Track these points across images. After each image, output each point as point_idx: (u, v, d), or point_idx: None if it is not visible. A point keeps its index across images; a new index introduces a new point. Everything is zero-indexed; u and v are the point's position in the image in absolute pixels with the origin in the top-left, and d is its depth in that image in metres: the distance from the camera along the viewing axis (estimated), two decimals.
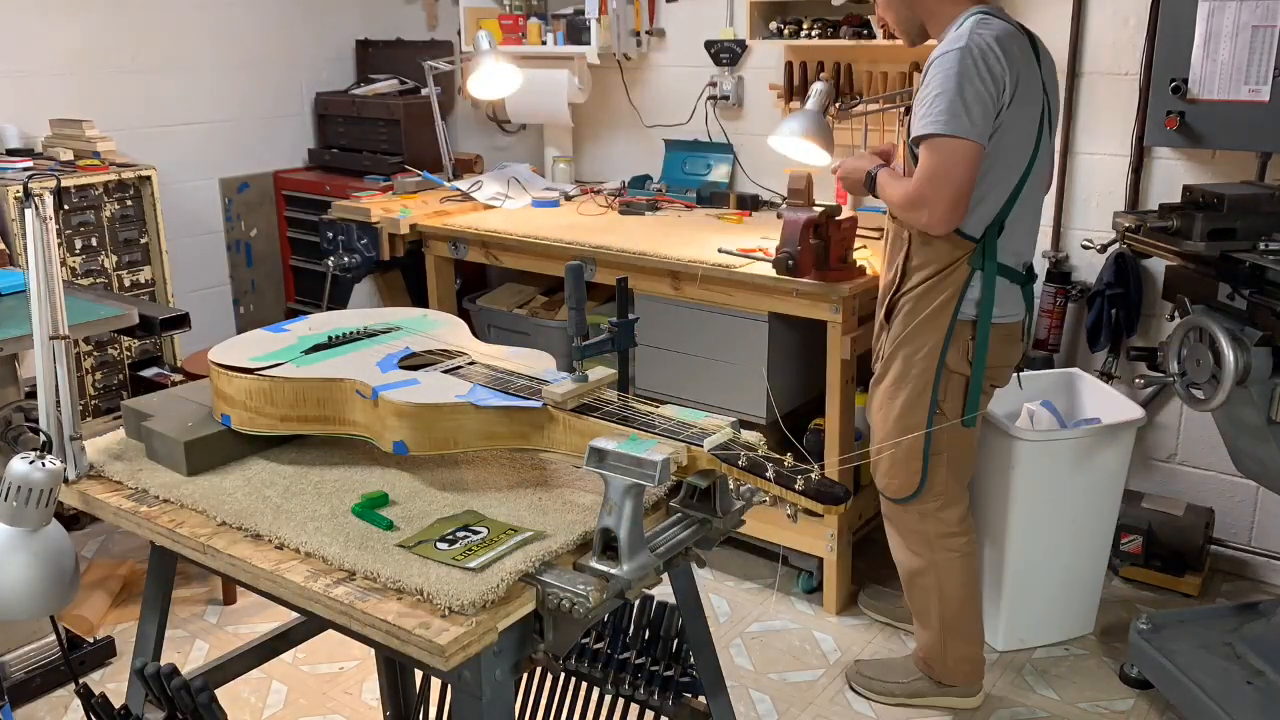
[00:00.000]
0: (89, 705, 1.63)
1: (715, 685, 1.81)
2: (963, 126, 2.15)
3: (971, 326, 2.33)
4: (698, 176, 3.86)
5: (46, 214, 1.56)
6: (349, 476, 1.58)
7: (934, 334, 2.34)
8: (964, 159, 2.17)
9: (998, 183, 2.25)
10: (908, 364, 2.39)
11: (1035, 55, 2.27)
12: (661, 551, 1.38)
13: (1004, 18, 2.25)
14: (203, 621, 3.05)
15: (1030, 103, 2.24)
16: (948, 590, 2.52)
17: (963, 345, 2.34)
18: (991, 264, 2.28)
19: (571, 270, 1.52)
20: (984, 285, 2.30)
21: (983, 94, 2.15)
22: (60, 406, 1.58)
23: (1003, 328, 2.37)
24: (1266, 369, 2.13)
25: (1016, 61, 2.18)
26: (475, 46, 3.72)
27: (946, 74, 2.16)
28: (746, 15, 3.48)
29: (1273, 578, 3.16)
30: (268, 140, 4.53)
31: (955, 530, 2.50)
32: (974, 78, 2.14)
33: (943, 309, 2.32)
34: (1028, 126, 2.25)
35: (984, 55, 2.14)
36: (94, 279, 3.65)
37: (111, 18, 3.98)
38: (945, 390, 2.37)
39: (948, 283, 2.31)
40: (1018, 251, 2.35)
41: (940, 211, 2.20)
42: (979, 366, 2.34)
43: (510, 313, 3.82)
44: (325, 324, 1.84)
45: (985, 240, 2.28)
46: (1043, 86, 2.28)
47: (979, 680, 2.62)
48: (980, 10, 2.24)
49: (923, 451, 2.41)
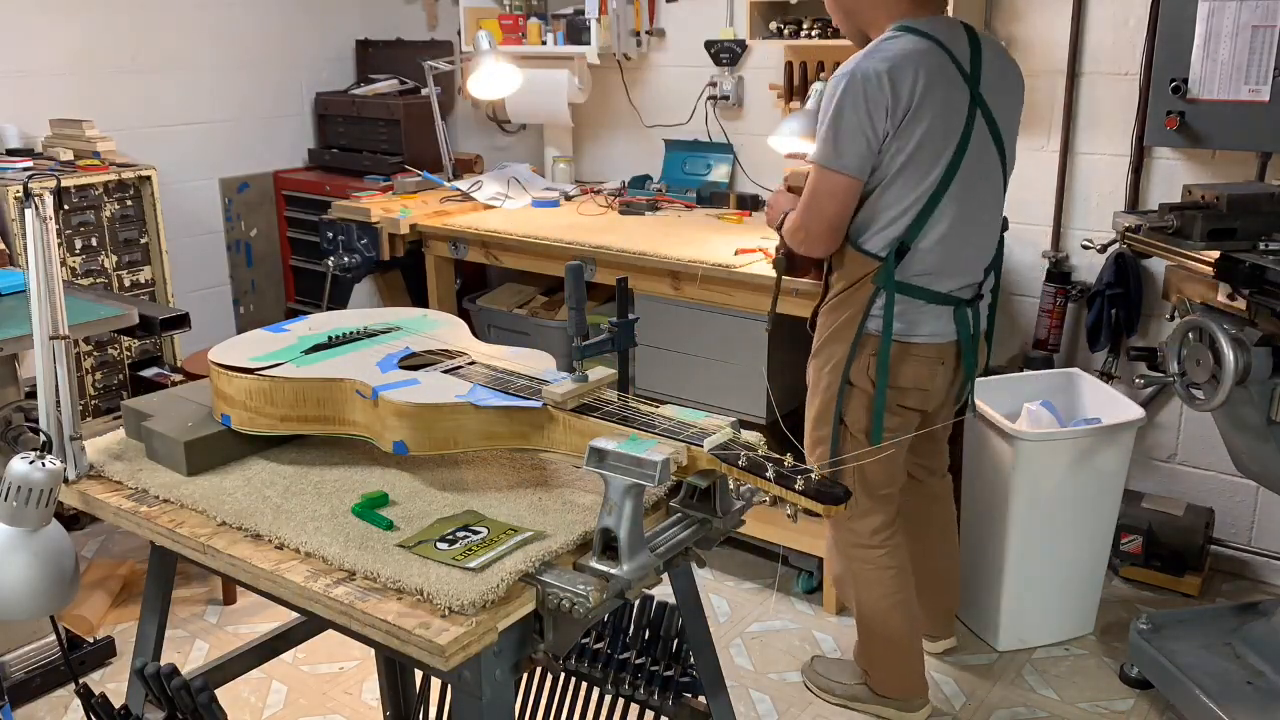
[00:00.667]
0: (89, 705, 1.63)
1: (715, 685, 1.81)
2: (834, 159, 2.17)
3: (876, 342, 2.29)
4: (698, 176, 3.86)
5: (46, 214, 1.56)
6: (349, 476, 1.58)
7: (840, 347, 2.32)
8: (833, 191, 2.21)
9: (897, 203, 2.21)
10: (818, 375, 2.39)
11: (973, 69, 2.20)
12: (661, 551, 1.38)
13: (923, 31, 2.18)
14: (203, 621, 3.05)
15: (940, 121, 2.16)
16: (864, 600, 2.50)
17: (865, 361, 2.31)
18: (891, 283, 2.24)
19: (571, 270, 1.52)
20: (886, 304, 2.26)
21: (856, 126, 2.14)
22: (60, 406, 1.58)
23: (921, 348, 2.30)
24: (1266, 369, 2.13)
25: (912, 88, 2.12)
26: (475, 46, 3.72)
27: (828, 100, 2.17)
28: (746, 15, 3.48)
29: (1273, 578, 3.16)
30: (268, 140, 4.53)
31: (866, 542, 2.46)
32: (850, 110, 2.14)
33: (849, 323, 2.30)
34: (933, 146, 2.17)
35: (865, 83, 2.12)
36: (94, 279, 3.65)
37: (111, 18, 3.98)
38: (848, 404, 2.35)
39: (855, 298, 2.29)
40: (934, 273, 2.27)
41: (815, 238, 2.28)
42: (880, 383, 2.30)
43: (510, 313, 3.82)
44: (325, 324, 1.84)
45: (887, 260, 2.24)
46: (972, 99, 2.20)
47: (918, 695, 2.56)
48: (901, 25, 2.20)
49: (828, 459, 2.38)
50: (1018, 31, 3.19)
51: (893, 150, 2.17)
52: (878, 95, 2.12)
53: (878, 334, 2.28)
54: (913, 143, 2.16)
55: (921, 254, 2.24)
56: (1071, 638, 2.91)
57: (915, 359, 2.31)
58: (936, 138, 2.18)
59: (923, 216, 2.22)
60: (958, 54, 2.20)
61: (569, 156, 4.18)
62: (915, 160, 2.18)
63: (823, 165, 2.20)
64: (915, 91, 2.13)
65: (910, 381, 2.33)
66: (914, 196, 2.20)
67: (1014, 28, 3.20)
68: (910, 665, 2.55)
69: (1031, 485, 2.70)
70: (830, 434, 2.38)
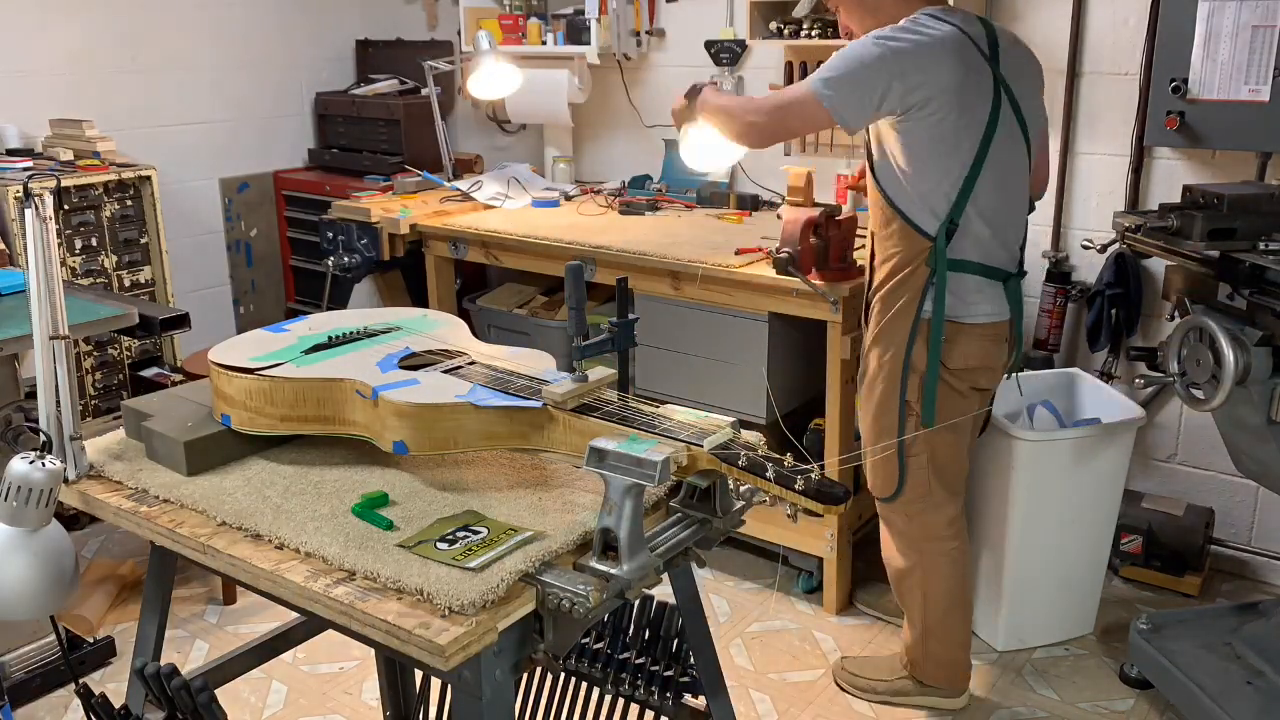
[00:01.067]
0: (89, 705, 1.63)
1: (715, 685, 1.81)
2: (832, 98, 2.20)
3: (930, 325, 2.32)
4: (698, 176, 3.86)
5: (46, 214, 1.56)
6: (349, 476, 1.58)
7: (899, 332, 2.33)
8: (809, 117, 2.27)
9: (936, 184, 2.24)
10: (879, 364, 2.39)
11: (992, 52, 2.25)
12: (661, 551, 1.38)
13: (947, 18, 2.23)
14: (203, 621, 3.05)
15: (969, 101, 2.20)
16: (932, 593, 2.51)
17: (924, 343, 2.33)
18: (943, 263, 2.27)
19: (571, 270, 1.52)
20: (937, 284, 2.28)
21: (869, 83, 2.18)
22: (60, 406, 1.58)
23: (979, 328, 2.33)
24: (1266, 369, 2.13)
25: (937, 63, 2.16)
26: (475, 46, 3.72)
27: (855, 49, 2.21)
28: (746, 15, 3.48)
29: (1273, 578, 3.16)
30: (268, 140, 4.53)
31: (942, 534, 2.48)
32: (869, 63, 2.17)
33: (907, 307, 2.32)
34: (965, 128, 2.21)
35: (891, 49, 2.17)
36: (94, 279, 3.65)
37: (111, 18, 3.98)
38: (913, 389, 2.36)
39: (910, 281, 2.31)
40: (986, 248, 2.31)
41: (761, 136, 2.37)
42: (932, 365, 2.32)
43: (510, 313, 3.82)
44: (325, 324, 1.84)
45: (937, 240, 2.27)
46: (996, 83, 2.24)
47: (964, 683, 2.61)
48: (924, 12, 2.24)
49: (897, 451, 2.40)
50: (1018, 31, 3.16)
51: (921, 126, 2.20)
52: (896, 65, 2.16)
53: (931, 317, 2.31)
54: (946, 121, 2.19)
55: (967, 232, 2.28)
56: (1071, 638, 2.91)
57: (977, 338, 2.34)
58: (966, 116, 2.22)
59: (964, 194, 2.25)
60: (975, 37, 2.24)
61: (569, 156, 4.18)
62: (946, 141, 2.21)
63: (817, 92, 2.21)
64: (941, 71, 2.17)
65: (977, 360, 2.36)
66: (951, 177, 2.24)
67: (1014, 28, 3.18)
68: (965, 655, 2.60)
69: (1031, 485, 2.70)
70: (895, 422, 2.38)
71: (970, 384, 2.39)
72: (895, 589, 2.61)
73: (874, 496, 2.53)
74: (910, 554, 2.53)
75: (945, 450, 2.43)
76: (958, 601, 2.53)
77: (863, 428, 2.50)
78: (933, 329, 2.31)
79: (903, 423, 2.38)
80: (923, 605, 2.54)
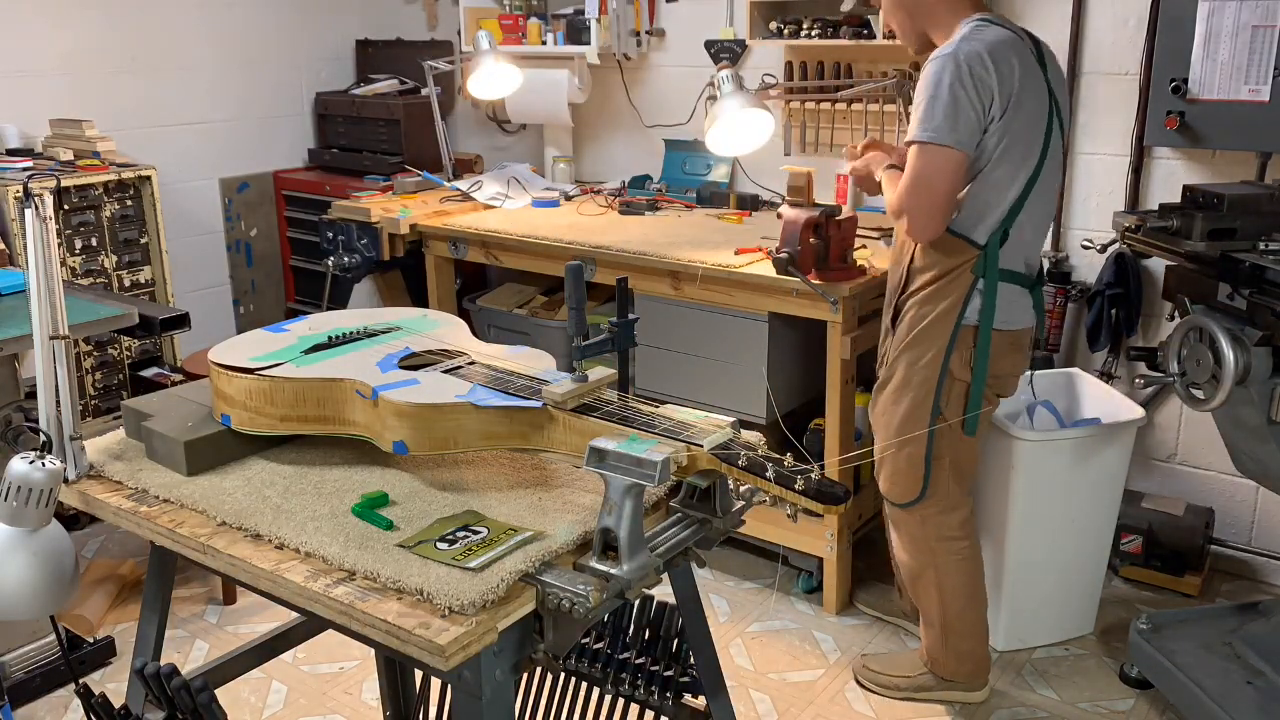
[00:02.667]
0: (89, 705, 1.63)
1: (715, 685, 1.81)
2: (943, 134, 2.16)
3: (974, 333, 2.33)
4: (698, 176, 3.86)
5: (46, 214, 1.56)
6: (349, 476, 1.58)
7: (938, 340, 2.33)
8: (944, 166, 2.18)
9: (1001, 190, 2.25)
10: (910, 370, 2.38)
11: (1040, 60, 2.27)
12: (661, 551, 1.38)
13: (1003, 24, 2.24)
14: (203, 621, 3.05)
15: (1033, 108, 2.22)
16: (948, 591, 2.53)
17: (966, 352, 2.34)
18: (993, 271, 2.28)
19: (571, 270, 1.52)
20: (986, 292, 2.29)
21: (965, 102, 2.15)
22: (60, 406, 1.58)
23: (1009, 335, 2.35)
24: (1266, 369, 2.13)
25: (1011, 69, 2.17)
26: (475, 46, 3.72)
27: (930, 81, 2.17)
28: (746, 15, 3.48)
29: (1273, 578, 3.16)
30: (267, 140, 4.53)
31: (956, 534, 2.50)
32: (956, 86, 2.15)
33: (947, 315, 2.31)
34: (1031, 133, 2.23)
35: (969, 63, 2.15)
36: (94, 279, 3.65)
37: (111, 18, 3.98)
38: (948, 397, 2.37)
39: (952, 288, 2.30)
40: (1026, 257, 2.35)
41: (920, 219, 2.23)
42: (980, 373, 2.33)
43: (510, 313, 3.82)
44: (325, 324, 1.84)
45: (989, 247, 2.27)
46: (1049, 90, 2.26)
47: (984, 675, 2.63)
48: (978, 18, 2.24)
49: (925, 457, 2.41)
50: None
51: (996, 134, 2.20)
52: (983, 75, 2.15)
53: (976, 324, 2.31)
54: (1015, 128, 2.20)
55: (1016, 241, 2.29)
56: (1071, 638, 2.91)
57: (1009, 345, 2.36)
58: (1033, 124, 2.22)
59: (1019, 203, 2.26)
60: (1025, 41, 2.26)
61: (569, 156, 4.18)
62: (1016, 146, 2.22)
63: (931, 141, 2.17)
64: (1015, 77, 2.17)
65: (1007, 369, 2.38)
66: (1016, 183, 2.24)
67: None
68: (984, 647, 2.61)
69: (1032, 485, 2.70)
70: (927, 427, 2.38)
71: (998, 391, 2.42)
72: (910, 589, 2.62)
73: (889, 501, 2.53)
74: (923, 555, 2.53)
75: (966, 455, 2.45)
76: (974, 597, 2.55)
77: (881, 433, 2.49)
78: (980, 337, 2.31)
79: (933, 432, 2.38)
80: (939, 604, 2.55)
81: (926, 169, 2.19)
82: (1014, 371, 2.43)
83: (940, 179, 2.19)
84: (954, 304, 2.30)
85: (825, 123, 3.55)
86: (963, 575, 2.52)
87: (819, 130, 3.56)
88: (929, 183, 2.19)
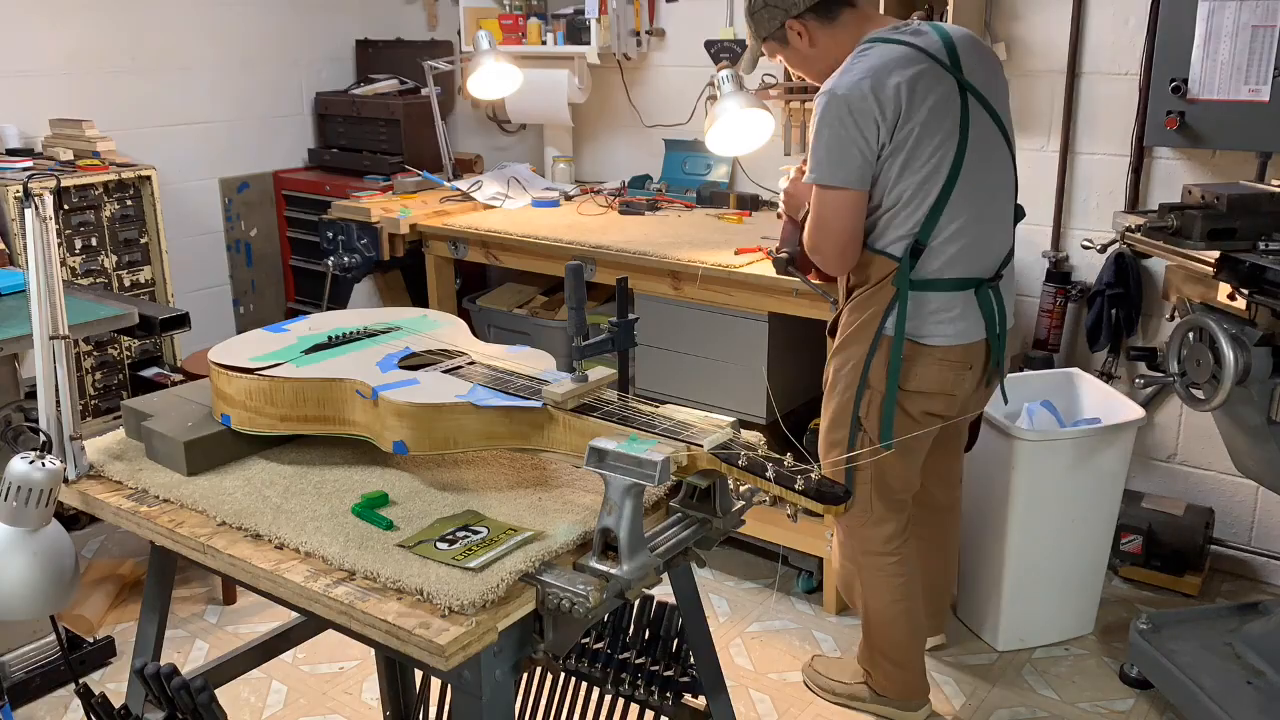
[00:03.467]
0: (89, 705, 1.63)
1: (715, 685, 1.81)
2: (831, 176, 2.16)
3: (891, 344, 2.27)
4: (698, 176, 3.86)
5: (46, 214, 1.56)
6: (349, 476, 1.58)
7: (859, 347, 2.30)
8: (838, 207, 2.19)
9: (909, 203, 2.19)
10: (835, 376, 2.36)
11: (953, 59, 2.19)
12: (661, 551, 1.38)
13: (894, 38, 2.18)
14: (203, 621, 3.05)
15: (935, 116, 2.15)
16: (872, 605, 2.49)
17: (882, 362, 2.28)
18: (905, 282, 2.22)
19: (571, 270, 1.52)
20: (899, 304, 2.23)
21: (847, 139, 2.13)
22: (60, 406, 1.58)
23: (938, 350, 2.25)
24: (1266, 369, 2.13)
25: (895, 88, 2.11)
26: (475, 46, 3.72)
27: (816, 120, 2.16)
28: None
29: (1273, 578, 3.16)
30: (267, 140, 4.53)
31: (878, 550, 2.44)
32: (837, 125, 2.13)
33: (869, 323, 2.28)
34: (933, 140, 2.16)
35: (848, 98, 2.12)
36: (94, 279, 3.65)
37: (111, 17, 3.98)
38: (866, 407, 2.32)
39: (875, 299, 2.27)
40: (961, 261, 2.24)
41: (830, 256, 2.26)
42: (891, 385, 2.27)
43: (510, 313, 3.82)
44: (325, 324, 1.84)
45: (903, 260, 2.21)
46: (961, 92, 2.18)
47: (919, 698, 2.56)
48: (865, 42, 2.20)
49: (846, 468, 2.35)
50: (1018, 31, 3.19)
51: (890, 154, 2.16)
52: (862, 107, 2.12)
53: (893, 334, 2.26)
54: (910, 143, 2.15)
55: (937, 250, 2.22)
56: (1071, 638, 2.91)
57: (936, 362, 2.26)
58: (934, 133, 2.16)
59: (935, 212, 2.20)
60: (930, 49, 2.18)
61: (569, 156, 4.18)
62: (916, 159, 2.16)
63: (821, 184, 2.18)
64: (900, 95, 2.12)
65: (935, 385, 2.28)
66: (922, 195, 2.19)
67: (1014, 28, 3.20)
68: (913, 668, 2.55)
69: (1031, 485, 2.70)
70: (846, 436, 2.35)
71: (924, 409, 2.31)
72: (846, 598, 2.61)
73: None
74: (849, 564, 2.52)
75: (892, 471, 2.38)
76: (900, 616, 2.47)
77: (820, 436, 2.46)
78: (893, 349, 2.25)
79: (853, 438, 2.34)
80: (866, 616, 2.53)
81: (823, 210, 2.21)
82: (948, 390, 2.29)
83: (836, 219, 2.20)
84: (876, 313, 2.26)
85: None
86: (888, 592, 2.46)
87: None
88: (827, 223, 2.21)
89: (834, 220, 2.21)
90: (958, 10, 2.96)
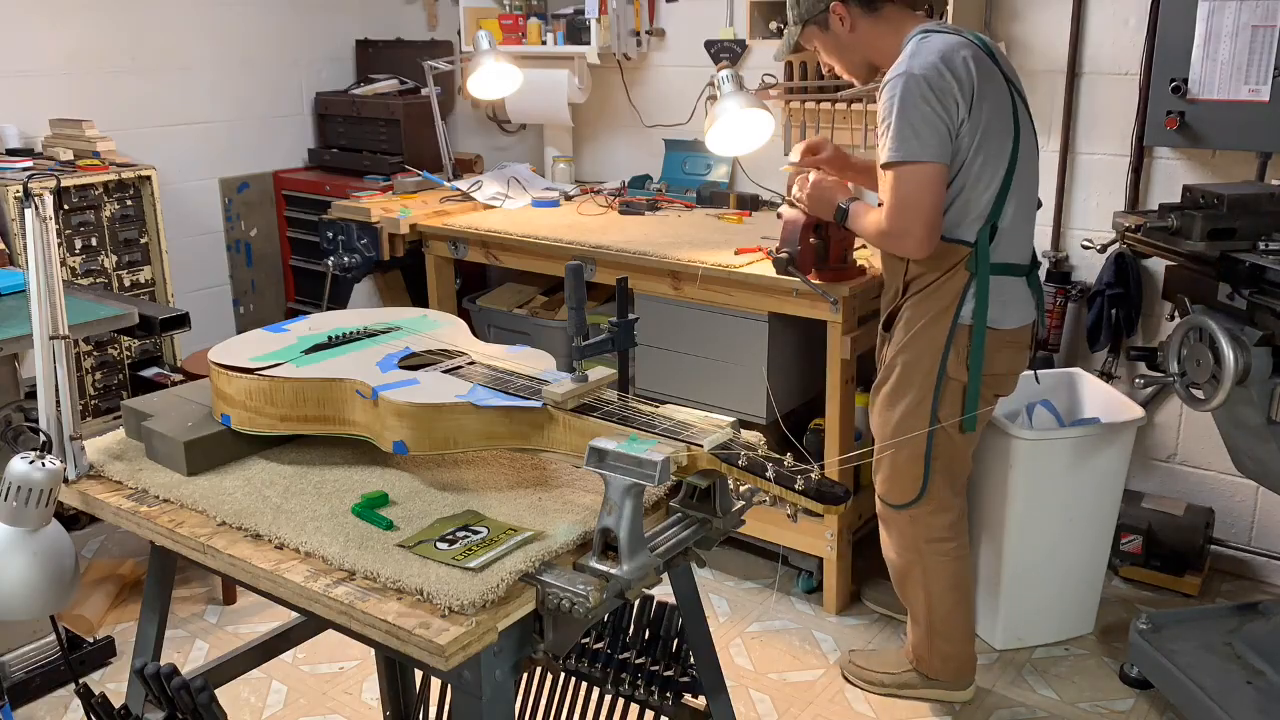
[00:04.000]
0: (89, 705, 1.63)
1: (715, 685, 1.81)
2: (918, 150, 2.18)
3: (970, 332, 2.32)
4: (698, 176, 3.86)
5: (46, 214, 1.56)
6: (349, 476, 1.58)
7: (934, 341, 2.33)
8: (925, 182, 2.20)
9: (982, 184, 2.25)
10: (908, 371, 2.38)
11: (991, 56, 2.28)
12: (661, 551, 1.38)
13: (947, 30, 2.27)
14: (203, 621, 3.05)
15: (997, 103, 2.24)
16: (935, 591, 2.53)
17: (962, 351, 2.33)
18: (985, 266, 2.28)
19: (571, 270, 1.52)
20: (979, 290, 2.29)
21: (931, 115, 2.17)
22: (60, 406, 1.58)
23: (1007, 334, 2.35)
24: (1266, 369, 2.13)
25: (966, 69, 2.18)
26: (475, 46, 3.72)
27: (892, 101, 2.19)
28: (746, 15, 3.47)
29: (1273, 578, 3.16)
30: (267, 140, 4.53)
31: (944, 535, 2.49)
32: (920, 102, 2.16)
33: (942, 315, 2.32)
34: (999, 123, 2.24)
35: (927, 76, 2.16)
36: (94, 279, 3.65)
37: (110, 18, 3.98)
38: (945, 398, 2.36)
39: (946, 289, 2.31)
40: (1018, 246, 2.35)
41: (918, 236, 2.24)
42: (975, 372, 2.33)
43: (510, 313, 3.82)
44: (325, 324, 1.84)
45: (979, 243, 2.28)
46: (1007, 83, 2.28)
47: (970, 675, 2.63)
48: (920, 32, 2.26)
49: (924, 458, 2.41)
50: (1018, 31, 3.19)
51: (968, 134, 2.21)
52: (942, 83, 2.17)
53: (971, 323, 2.31)
54: (983, 122, 2.21)
55: (1004, 233, 2.30)
56: (1071, 638, 2.91)
57: (1006, 345, 2.35)
58: (999, 114, 2.24)
59: (1002, 195, 2.26)
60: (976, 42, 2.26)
61: (569, 156, 4.18)
62: (989, 139, 2.23)
63: (906, 160, 2.19)
64: (972, 75, 2.19)
65: (1005, 367, 2.38)
66: (996, 175, 2.25)
67: (1014, 28, 3.20)
68: (969, 648, 2.61)
69: (1031, 485, 2.70)
70: (924, 435, 2.38)
71: (995, 390, 2.41)
72: (898, 588, 2.62)
73: (884, 502, 2.53)
74: (910, 554, 2.54)
75: (958, 456, 2.45)
76: (961, 598, 2.55)
77: (879, 434, 2.49)
78: (975, 335, 2.31)
79: (931, 434, 2.38)
80: (926, 603, 2.55)
81: (908, 188, 2.21)
82: (1012, 369, 2.42)
83: (924, 194, 2.21)
84: (949, 305, 2.31)
85: (825, 123, 3.54)
86: (950, 577, 2.52)
87: (819, 130, 3.56)
88: (915, 200, 2.21)
89: (924, 195, 2.21)
90: (958, 10, 2.96)
